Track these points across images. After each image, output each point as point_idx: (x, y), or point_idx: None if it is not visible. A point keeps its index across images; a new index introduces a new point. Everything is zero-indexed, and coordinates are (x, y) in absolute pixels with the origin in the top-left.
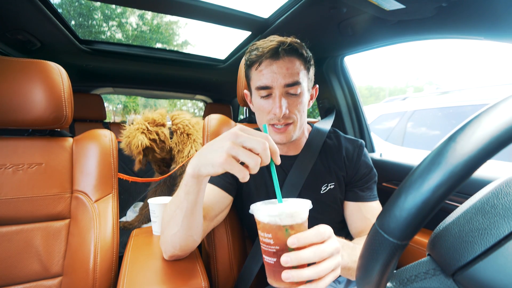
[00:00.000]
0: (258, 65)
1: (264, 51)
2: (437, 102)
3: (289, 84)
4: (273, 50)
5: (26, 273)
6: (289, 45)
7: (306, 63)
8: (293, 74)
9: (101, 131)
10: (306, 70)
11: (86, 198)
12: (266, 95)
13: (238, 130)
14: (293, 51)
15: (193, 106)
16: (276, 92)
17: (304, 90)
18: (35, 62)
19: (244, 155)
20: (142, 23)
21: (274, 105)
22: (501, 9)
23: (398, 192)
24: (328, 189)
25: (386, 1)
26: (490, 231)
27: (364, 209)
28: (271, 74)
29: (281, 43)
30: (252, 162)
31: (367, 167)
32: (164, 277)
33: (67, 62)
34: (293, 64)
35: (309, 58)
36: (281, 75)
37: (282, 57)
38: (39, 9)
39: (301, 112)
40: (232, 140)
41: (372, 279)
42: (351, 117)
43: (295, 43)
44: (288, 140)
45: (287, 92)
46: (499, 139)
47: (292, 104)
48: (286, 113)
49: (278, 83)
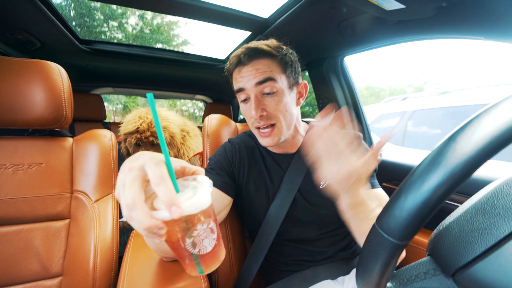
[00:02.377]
0: (232, 74)
1: (232, 61)
2: (437, 102)
3: (260, 81)
4: (238, 58)
5: (26, 273)
6: (253, 49)
7: (280, 62)
8: (264, 72)
9: (101, 131)
10: (282, 68)
11: (86, 198)
12: (245, 99)
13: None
14: (259, 53)
15: (193, 106)
16: (251, 93)
17: (282, 88)
18: (35, 62)
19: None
20: (143, 23)
21: (250, 108)
22: (501, 9)
23: (398, 192)
24: (328, 183)
25: (386, 1)
26: (490, 231)
27: (372, 195)
28: (242, 78)
29: (245, 49)
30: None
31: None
32: (164, 277)
33: (67, 62)
34: (262, 65)
35: (285, 56)
36: (252, 76)
37: (248, 61)
38: (39, 9)
39: (283, 111)
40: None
41: (372, 279)
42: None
43: (263, 45)
44: (276, 143)
45: (263, 93)
46: (499, 139)
47: (270, 105)
48: (264, 114)
49: (250, 84)
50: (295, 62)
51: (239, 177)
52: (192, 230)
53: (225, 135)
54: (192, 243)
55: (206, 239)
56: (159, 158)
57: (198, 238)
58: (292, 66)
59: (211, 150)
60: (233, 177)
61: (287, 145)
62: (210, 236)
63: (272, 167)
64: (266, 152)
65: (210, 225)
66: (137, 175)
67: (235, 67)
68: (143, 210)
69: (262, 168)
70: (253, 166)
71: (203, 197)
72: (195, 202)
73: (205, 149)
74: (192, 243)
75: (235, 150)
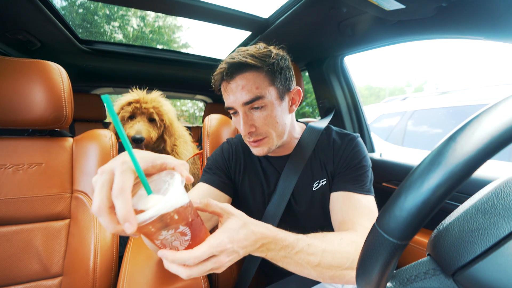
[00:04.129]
0: (219, 87)
1: (216, 78)
2: (437, 102)
3: (247, 102)
4: (222, 73)
5: (26, 273)
6: (236, 65)
7: (268, 73)
8: (250, 90)
9: (101, 131)
10: (270, 79)
11: (86, 198)
12: (234, 112)
13: (94, 179)
14: (242, 67)
15: (193, 106)
16: (239, 111)
17: (271, 101)
18: (35, 62)
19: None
20: (143, 25)
21: (239, 123)
22: (501, 9)
23: (398, 192)
24: (320, 185)
25: (386, 1)
26: (490, 231)
27: (345, 199)
28: (228, 95)
29: (227, 65)
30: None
31: (355, 158)
32: (164, 277)
33: (67, 62)
34: (247, 80)
35: (272, 66)
36: (238, 94)
37: (232, 77)
38: (39, 9)
39: (274, 124)
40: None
41: (372, 279)
42: (351, 117)
43: (247, 57)
44: (267, 153)
45: (252, 108)
46: (499, 139)
47: (259, 120)
48: (253, 130)
49: (237, 103)
50: (285, 69)
51: (235, 176)
52: (157, 235)
53: (225, 135)
54: (161, 244)
55: (176, 241)
56: (128, 164)
57: (166, 241)
58: (281, 74)
59: (211, 150)
60: (230, 177)
61: (282, 148)
62: (181, 239)
63: (267, 169)
64: None
65: (179, 230)
66: (106, 180)
67: (219, 83)
68: (108, 218)
69: (258, 169)
70: (250, 166)
71: (168, 202)
72: (158, 209)
73: (205, 149)
74: (161, 244)
75: (232, 149)
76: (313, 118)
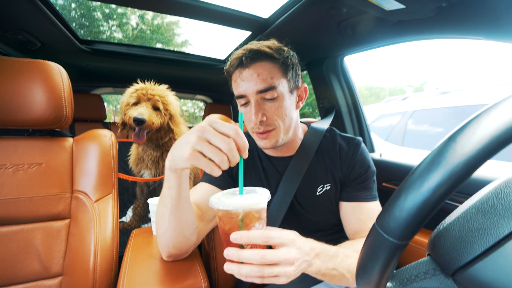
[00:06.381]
0: (232, 76)
1: (232, 62)
2: (437, 102)
3: (261, 90)
4: (239, 59)
5: (26, 273)
6: (255, 52)
7: (282, 65)
8: (265, 79)
9: (101, 131)
10: (283, 72)
11: (86, 198)
12: (245, 103)
13: (207, 123)
14: (261, 55)
15: (193, 106)
16: (251, 99)
17: (282, 93)
18: (35, 62)
19: (209, 152)
20: (142, 23)
21: (250, 113)
22: (501, 9)
23: (398, 192)
24: (324, 190)
25: (386, 1)
26: (490, 231)
27: (358, 209)
28: (243, 83)
29: (247, 51)
30: (217, 159)
31: (363, 165)
32: (164, 277)
33: (67, 62)
34: (264, 69)
35: (286, 59)
36: (253, 82)
37: (250, 64)
38: (39, 9)
39: (283, 116)
40: (197, 134)
41: (372, 279)
42: (351, 117)
43: (265, 47)
44: (273, 145)
45: (263, 98)
46: (499, 139)
47: (270, 110)
48: (264, 120)
49: (251, 90)
50: (296, 65)
51: (236, 174)
52: (252, 225)
53: None
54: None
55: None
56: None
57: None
58: (293, 69)
59: None
60: (232, 176)
61: (285, 148)
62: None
63: (269, 170)
64: (263, 154)
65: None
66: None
67: (235, 68)
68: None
69: (259, 169)
70: (251, 165)
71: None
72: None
73: None
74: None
75: None
76: (313, 118)
